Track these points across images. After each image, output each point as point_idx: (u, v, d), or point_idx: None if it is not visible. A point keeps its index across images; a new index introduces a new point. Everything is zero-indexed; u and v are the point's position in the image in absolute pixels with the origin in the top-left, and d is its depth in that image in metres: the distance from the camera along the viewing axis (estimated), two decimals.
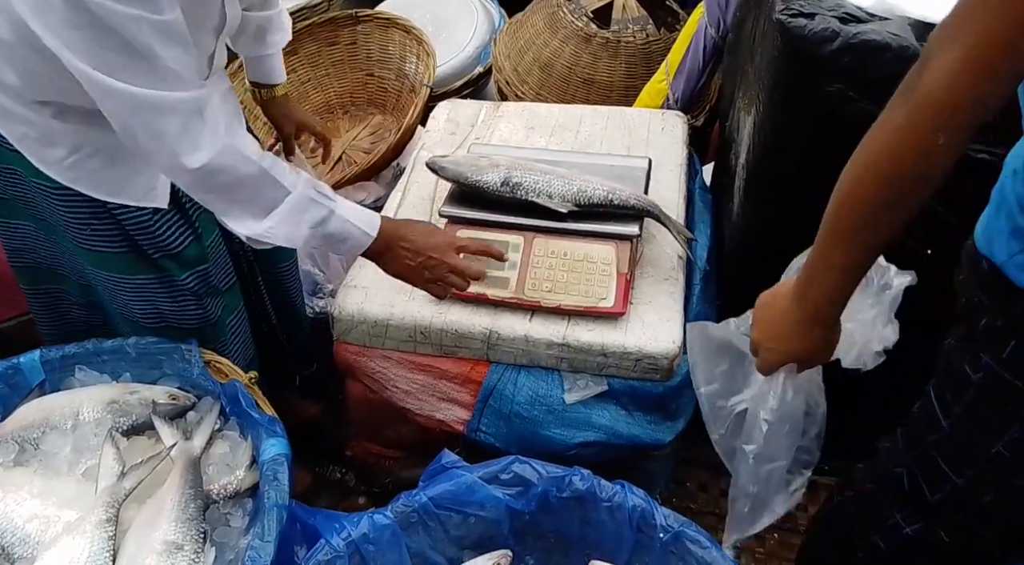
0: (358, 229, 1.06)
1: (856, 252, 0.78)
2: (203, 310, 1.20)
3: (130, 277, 1.14)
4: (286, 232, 1.01)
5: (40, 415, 1.09)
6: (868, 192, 0.74)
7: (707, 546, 0.94)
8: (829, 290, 0.82)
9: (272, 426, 1.04)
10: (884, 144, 0.71)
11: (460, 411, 1.31)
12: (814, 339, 0.86)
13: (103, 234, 1.10)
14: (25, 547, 0.96)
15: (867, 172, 0.73)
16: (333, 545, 0.92)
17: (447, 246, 1.14)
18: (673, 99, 1.76)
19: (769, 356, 0.91)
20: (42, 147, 1.03)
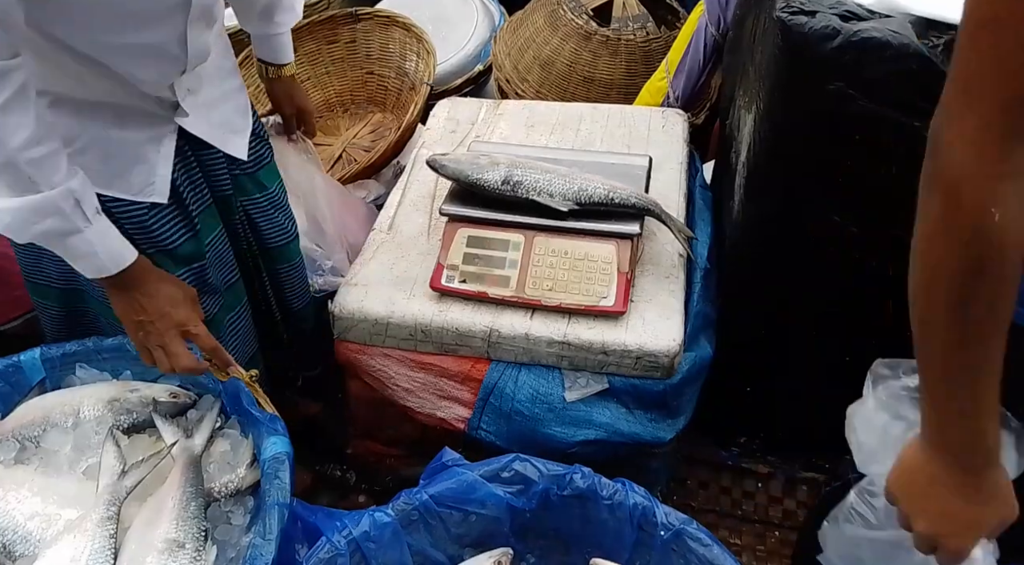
0: (98, 258, 0.98)
1: (982, 382, 0.63)
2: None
3: None
4: (8, 223, 0.92)
5: (41, 413, 1.09)
6: (942, 309, 0.61)
7: (708, 544, 0.94)
8: (978, 437, 0.66)
9: (273, 424, 1.03)
10: (932, 253, 0.60)
11: (461, 409, 1.31)
12: (993, 493, 0.68)
13: None
14: (26, 545, 0.95)
15: (929, 288, 0.62)
16: (334, 543, 0.92)
17: (177, 325, 1.06)
18: (673, 97, 1.76)
19: (957, 543, 0.70)
20: None
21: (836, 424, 1.32)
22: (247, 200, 1.25)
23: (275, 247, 1.32)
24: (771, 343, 1.44)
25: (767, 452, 1.57)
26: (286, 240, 1.33)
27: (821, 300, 1.33)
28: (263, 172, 1.26)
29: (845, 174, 1.15)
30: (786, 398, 1.49)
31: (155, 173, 1.07)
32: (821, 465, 1.54)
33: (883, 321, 1.30)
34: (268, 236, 1.30)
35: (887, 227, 1.17)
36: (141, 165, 1.06)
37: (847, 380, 1.41)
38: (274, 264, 1.34)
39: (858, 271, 1.25)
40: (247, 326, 1.32)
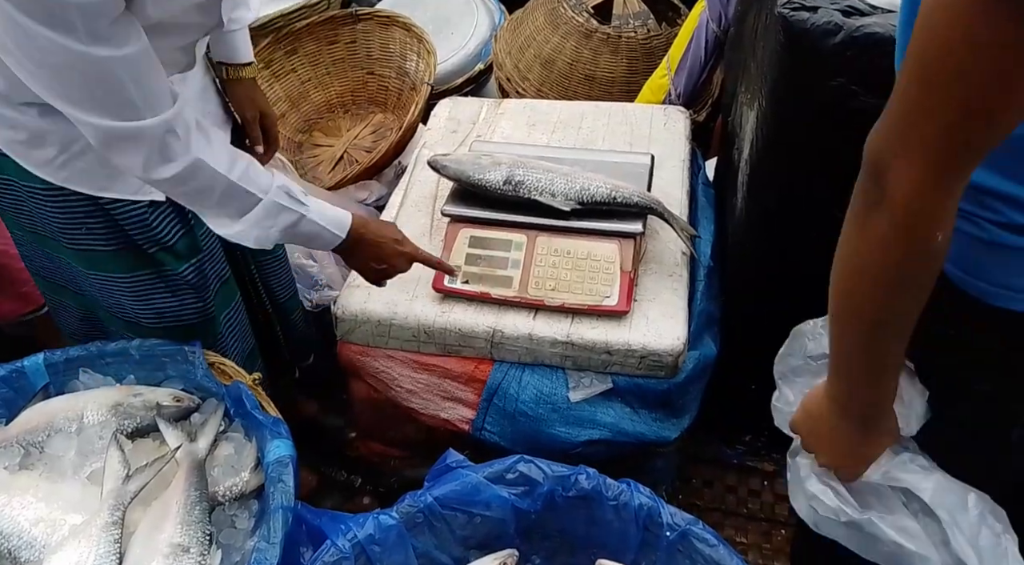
0: (328, 231, 1.10)
1: (892, 350, 0.72)
2: (203, 303, 1.20)
3: (127, 275, 1.14)
4: (256, 235, 1.04)
5: (44, 418, 1.09)
6: (881, 308, 0.68)
7: (714, 544, 0.94)
8: (883, 399, 0.78)
9: (277, 427, 1.03)
10: (873, 261, 0.66)
11: (465, 410, 1.30)
12: (884, 433, 0.82)
13: (98, 233, 1.10)
14: (31, 551, 0.95)
15: (861, 287, 0.69)
16: (339, 546, 0.92)
17: (409, 259, 1.21)
18: (675, 94, 1.75)
19: (852, 472, 0.84)
20: (31, 149, 1.03)
21: None
22: None
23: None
24: (775, 340, 1.43)
25: (772, 450, 1.56)
26: None
27: (825, 296, 1.31)
28: None
29: (847, 170, 1.13)
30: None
31: None
32: None
33: None
34: None
35: None
36: None
37: None
38: (258, 256, 1.35)
39: None
40: (244, 321, 1.32)
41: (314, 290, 1.57)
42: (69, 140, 1.01)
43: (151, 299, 1.17)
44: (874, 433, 0.81)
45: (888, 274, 0.66)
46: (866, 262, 0.67)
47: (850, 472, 0.84)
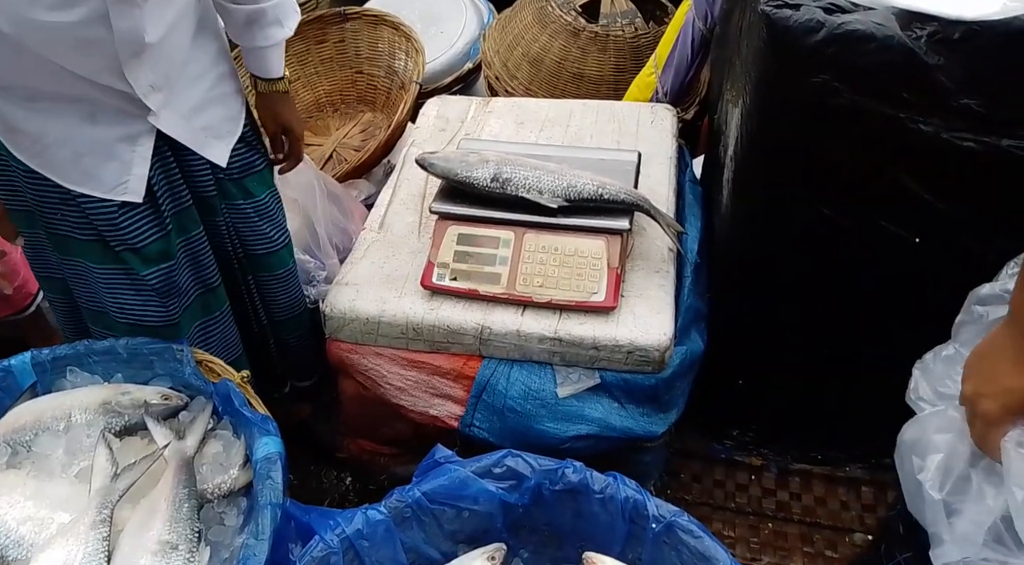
0: None
1: None
2: (165, 310, 1.19)
3: (98, 266, 1.15)
4: None
5: (32, 417, 1.09)
6: None
7: (699, 536, 0.95)
8: None
9: (265, 425, 1.04)
10: None
11: (453, 407, 1.31)
12: None
13: (72, 221, 1.12)
14: (19, 549, 0.95)
15: None
16: (327, 541, 0.93)
17: None
18: (662, 92, 1.77)
19: (989, 404, 0.72)
20: (10, 133, 1.05)
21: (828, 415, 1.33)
22: (230, 205, 1.25)
23: (258, 255, 1.32)
24: (762, 335, 1.44)
25: (760, 444, 1.57)
26: (270, 249, 1.32)
27: (810, 291, 1.33)
28: (251, 179, 1.26)
29: (830, 166, 1.16)
30: (778, 390, 1.49)
31: (129, 172, 1.08)
32: (814, 456, 1.55)
33: (871, 311, 1.31)
34: (250, 243, 1.30)
35: (873, 217, 1.18)
36: (113, 163, 1.07)
37: (838, 371, 1.42)
38: (257, 271, 1.34)
39: (846, 261, 1.25)
40: (229, 330, 1.32)
41: (312, 285, 1.56)
42: (42, 132, 1.03)
43: (116, 293, 1.18)
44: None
45: None
46: None
47: (987, 407, 0.72)
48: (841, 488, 1.50)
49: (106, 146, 1.06)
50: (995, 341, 0.74)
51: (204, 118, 1.15)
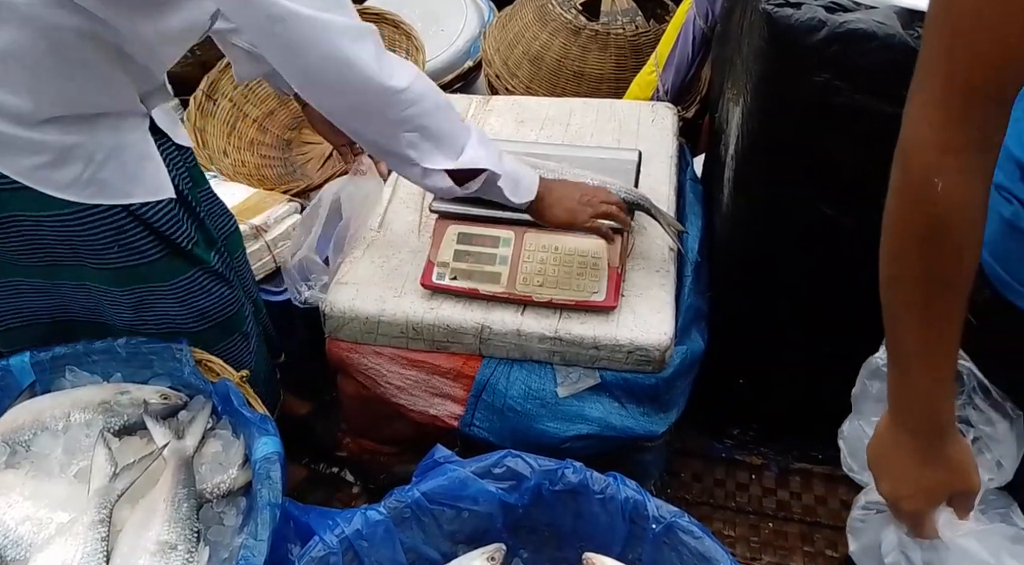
0: (523, 166, 1.11)
1: (927, 336, 0.67)
2: (234, 291, 1.21)
3: (168, 283, 1.12)
4: (487, 155, 1.01)
5: (31, 417, 1.09)
6: (904, 271, 0.65)
7: (700, 536, 0.95)
8: (928, 394, 0.69)
9: (264, 424, 1.03)
10: (890, 214, 0.65)
11: (453, 406, 1.31)
12: (944, 462, 0.72)
13: (132, 246, 1.07)
14: (18, 549, 0.95)
15: (886, 250, 0.66)
16: (326, 542, 0.93)
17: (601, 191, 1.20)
18: (663, 91, 1.76)
19: (911, 505, 0.75)
20: (55, 170, 0.98)
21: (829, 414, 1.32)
22: (201, 191, 1.25)
23: (228, 236, 1.32)
24: (762, 335, 1.44)
25: (760, 443, 1.57)
26: (231, 231, 1.34)
27: (811, 290, 1.33)
28: (196, 169, 1.26)
29: (832, 165, 1.15)
30: (778, 389, 1.49)
31: (160, 170, 1.08)
32: (814, 455, 1.55)
33: (872, 311, 1.31)
34: (220, 227, 1.31)
35: (874, 216, 1.17)
36: (149, 162, 1.06)
37: (839, 370, 1.42)
38: (233, 251, 1.34)
39: (847, 261, 1.25)
40: (251, 313, 1.33)
41: (306, 286, 1.54)
42: (93, 149, 0.99)
43: (193, 301, 1.16)
44: (933, 455, 0.71)
45: (899, 228, 0.64)
46: (885, 217, 0.66)
47: (910, 508, 0.74)
48: (842, 487, 1.49)
49: (137, 148, 1.05)
50: (891, 439, 0.74)
51: (167, 100, 1.14)
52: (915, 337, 0.67)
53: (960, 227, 0.62)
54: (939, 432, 0.71)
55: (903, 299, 0.67)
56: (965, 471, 0.73)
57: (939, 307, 0.65)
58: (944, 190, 0.60)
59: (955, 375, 0.71)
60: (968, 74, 0.57)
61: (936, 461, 0.72)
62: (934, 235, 0.62)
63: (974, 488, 0.74)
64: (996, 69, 0.56)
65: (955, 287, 0.64)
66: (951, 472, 0.73)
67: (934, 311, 0.65)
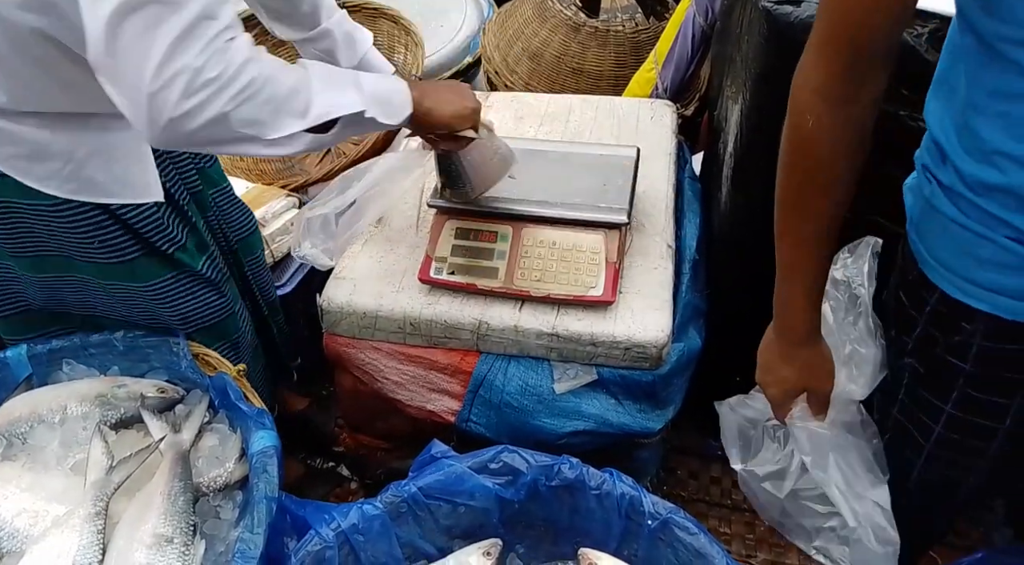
0: (385, 78, 1.04)
1: (795, 250, 0.81)
2: (224, 298, 1.20)
3: (147, 284, 1.12)
4: (337, 98, 0.89)
5: (27, 409, 1.09)
6: (781, 190, 0.79)
7: (695, 532, 0.95)
8: (790, 303, 0.84)
9: (261, 418, 1.03)
10: (782, 149, 0.77)
11: (451, 402, 1.31)
12: (801, 362, 0.88)
13: (112, 244, 1.06)
14: (14, 541, 0.95)
15: (779, 172, 0.79)
16: (323, 536, 0.93)
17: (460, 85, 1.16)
18: (662, 88, 1.76)
19: (772, 393, 0.92)
20: (34, 163, 0.98)
21: None
22: (216, 192, 1.25)
23: (243, 239, 1.33)
24: (759, 333, 1.44)
25: None
26: (248, 233, 1.35)
27: None
28: (213, 168, 1.27)
29: None
30: None
31: (148, 171, 1.06)
32: None
33: None
34: (236, 229, 1.31)
35: (870, 214, 1.17)
36: (137, 165, 1.05)
37: None
38: (247, 257, 1.35)
39: None
40: (248, 318, 1.33)
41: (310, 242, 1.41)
42: (73, 147, 0.98)
43: (175, 303, 1.15)
44: (793, 354, 0.87)
45: (781, 158, 0.77)
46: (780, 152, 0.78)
47: (770, 394, 0.91)
48: None
49: (126, 148, 1.04)
50: (767, 339, 0.91)
51: None
52: (786, 253, 0.82)
53: (821, 160, 0.73)
54: (799, 335, 0.86)
55: (780, 220, 0.81)
56: (817, 373, 0.88)
57: (804, 231, 0.79)
58: (813, 126, 0.71)
59: (820, 292, 0.84)
60: (839, 27, 0.68)
61: (795, 360, 0.87)
62: (800, 161, 0.75)
63: (823, 389, 0.89)
64: (859, 25, 0.66)
65: (818, 215, 0.77)
66: (805, 371, 0.88)
67: (800, 234, 0.79)
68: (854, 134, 0.72)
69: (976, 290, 0.74)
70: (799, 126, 0.73)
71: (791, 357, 0.87)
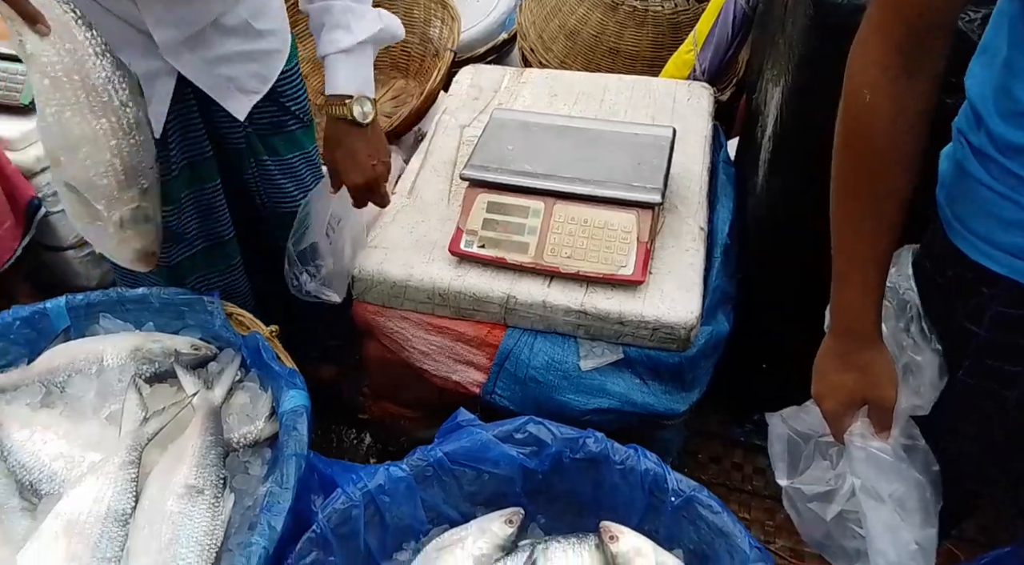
0: None
1: (853, 241, 0.76)
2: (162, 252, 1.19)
3: None
4: None
5: (66, 359, 1.11)
6: (837, 175, 0.75)
7: (718, 511, 0.95)
8: (849, 301, 0.78)
9: (292, 378, 1.05)
10: (837, 129, 0.75)
11: (476, 373, 1.31)
12: (860, 367, 0.80)
13: None
14: (52, 484, 0.98)
15: (835, 157, 0.75)
16: (349, 494, 0.94)
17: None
18: (700, 70, 1.74)
19: (829, 405, 0.84)
20: None
21: None
22: (256, 160, 1.25)
23: (280, 212, 1.32)
24: (790, 322, 1.42)
25: None
26: (290, 208, 1.31)
27: None
28: (279, 138, 1.26)
29: None
30: (802, 378, 1.48)
31: (149, 108, 1.06)
32: None
33: None
34: (275, 200, 1.31)
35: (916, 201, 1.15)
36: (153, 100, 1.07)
37: None
38: (276, 229, 1.34)
39: None
40: (237, 286, 1.33)
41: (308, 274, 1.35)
42: None
43: None
44: (852, 360, 0.80)
45: (836, 138, 0.74)
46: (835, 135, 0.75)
47: (827, 407, 0.84)
48: None
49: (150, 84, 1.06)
50: (825, 346, 0.84)
51: (232, 69, 1.13)
52: (845, 246, 0.77)
53: (877, 138, 0.70)
54: (859, 339, 0.79)
55: (837, 208, 0.76)
56: (878, 380, 0.80)
57: (862, 219, 0.74)
58: (870, 101, 0.69)
59: (881, 290, 0.78)
60: (903, 2, 0.66)
61: (853, 366, 0.80)
62: (856, 140, 0.72)
63: (886, 399, 0.81)
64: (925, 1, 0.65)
65: (876, 199, 0.73)
66: (865, 378, 0.80)
67: (858, 222, 0.75)
68: (912, 112, 0.70)
69: (999, 254, 0.74)
70: (855, 102, 0.71)
71: (850, 363, 0.80)
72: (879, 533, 0.83)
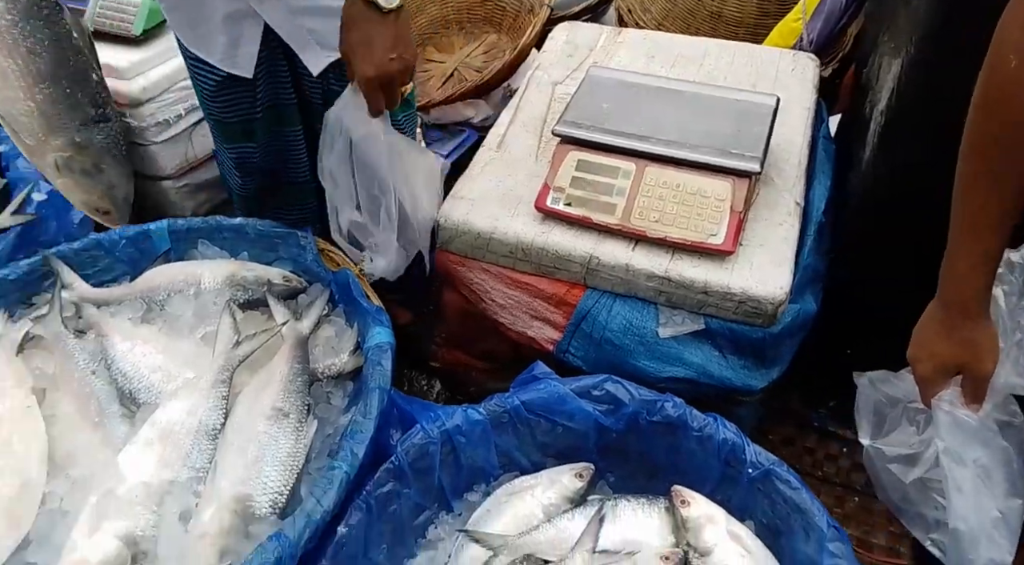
0: None
1: (979, 210, 0.73)
2: (241, 182, 1.29)
3: None
4: None
5: (166, 280, 1.17)
6: (971, 141, 0.73)
7: (797, 487, 0.93)
8: (962, 270, 0.77)
9: (379, 315, 1.07)
10: (976, 92, 0.72)
11: (551, 331, 1.31)
12: (961, 337, 0.79)
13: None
14: (149, 394, 1.04)
15: (970, 121, 0.73)
16: (427, 431, 0.96)
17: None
18: (807, 41, 1.66)
19: (922, 369, 0.83)
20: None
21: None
22: None
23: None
24: (882, 309, 1.36)
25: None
26: None
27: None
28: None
29: None
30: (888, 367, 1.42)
31: (238, 48, 1.11)
32: None
33: None
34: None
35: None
36: (223, 37, 1.10)
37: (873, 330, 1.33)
38: None
39: None
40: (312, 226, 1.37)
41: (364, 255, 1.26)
42: None
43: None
44: (955, 329, 0.78)
45: (975, 98, 0.72)
46: (972, 105, 0.73)
47: (921, 371, 0.83)
48: None
49: (215, 20, 1.09)
50: (928, 312, 0.84)
51: (314, 22, 1.12)
52: (968, 212, 0.75)
53: (1020, 107, 0.67)
54: (966, 308, 0.78)
55: (965, 174, 0.74)
56: (977, 352, 0.79)
57: (992, 189, 0.72)
58: (1016, 68, 0.66)
59: (994, 264, 0.76)
60: None
61: (955, 336, 0.79)
62: (997, 108, 0.69)
63: (983, 371, 0.80)
64: None
65: (1011, 172, 0.70)
66: (965, 349, 0.79)
67: (988, 192, 0.72)
68: None
69: None
70: (1000, 68, 0.68)
71: (952, 331, 0.79)
72: (960, 497, 0.82)
